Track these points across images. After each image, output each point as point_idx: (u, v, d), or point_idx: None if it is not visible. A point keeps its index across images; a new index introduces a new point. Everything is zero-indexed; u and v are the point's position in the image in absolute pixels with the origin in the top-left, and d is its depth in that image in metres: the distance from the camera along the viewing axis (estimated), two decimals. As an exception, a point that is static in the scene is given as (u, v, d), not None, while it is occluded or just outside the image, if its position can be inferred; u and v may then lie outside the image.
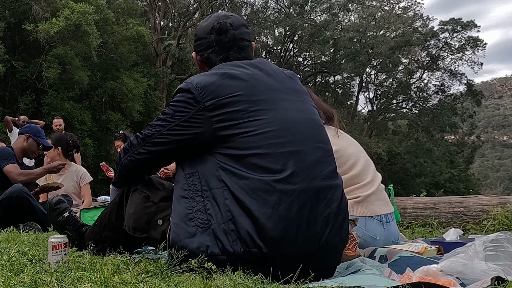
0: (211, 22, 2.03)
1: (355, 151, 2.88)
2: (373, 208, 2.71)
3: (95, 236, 2.25)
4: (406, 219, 4.41)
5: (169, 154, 1.91)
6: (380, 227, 2.71)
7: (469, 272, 1.63)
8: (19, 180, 4.27)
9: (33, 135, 4.74)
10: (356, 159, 2.82)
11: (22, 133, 4.82)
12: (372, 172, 2.84)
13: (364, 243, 2.61)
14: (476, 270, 1.62)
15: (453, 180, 37.91)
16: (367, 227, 2.68)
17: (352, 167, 2.78)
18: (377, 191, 2.79)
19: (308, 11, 35.18)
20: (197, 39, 2.07)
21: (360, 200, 2.69)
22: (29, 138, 4.73)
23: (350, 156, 2.81)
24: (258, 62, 1.95)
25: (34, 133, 4.76)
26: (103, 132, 23.30)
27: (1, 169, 4.36)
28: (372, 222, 2.70)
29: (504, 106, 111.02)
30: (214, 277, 1.53)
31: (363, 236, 2.63)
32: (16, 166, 4.42)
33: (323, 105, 3.01)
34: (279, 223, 1.64)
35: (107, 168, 4.86)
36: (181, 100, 1.83)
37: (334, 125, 2.97)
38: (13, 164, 4.41)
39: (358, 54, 33.24)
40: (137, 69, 25.66)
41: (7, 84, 20.95)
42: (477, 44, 35.05)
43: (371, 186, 2.77)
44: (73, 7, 18.74)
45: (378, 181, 2.84)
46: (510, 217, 3.86)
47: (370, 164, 2.89)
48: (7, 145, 5.65)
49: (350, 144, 2.94)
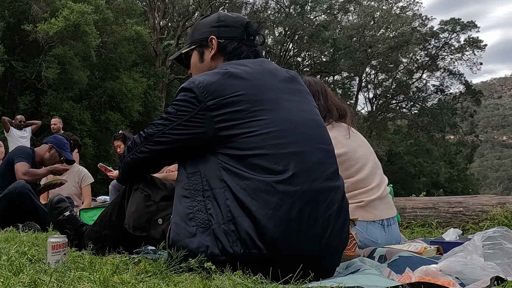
0: (240, 17, 2.09)
1: (364, 153, 2.83)
2: (376, 213, 2.69)
3: (95, 235, 2.25)
4: (405, 219, 4.41)
5: (171, 153, 1.90)
6: (381, 231, 2.70)
7: (468, 271, 1.63)
8: (23, 179, 4.29)
9: (57, 146, 4.74)
10: (364, 162, 2.78)
11: (46, 143, 4.83)
12: (379, 176, 2.81)
13: (365, 247, 2.60)
14: (475, 269, 1.62)
15: (452, 180, 37.97)
16: (368, 231, 2.66)
17: (359, 171, 2.74)
18: (382, 195, 2.76)
19: (308, 11, 35.18)
20: (225, 25, 2.06)
21: (363, 204, 2.67)
22: (52, 149, 4.73)
23: (358, 159, 2.77)
24: (261, 62, 1.95)
25: (58, 144, 4.76)
26: (102, 132, 23.29)
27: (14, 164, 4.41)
28: (373, 226, 2.68)
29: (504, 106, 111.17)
30: (214, 277, 1.53)
31: (364, 240, 2.62)
32: (26, 165, 4.45)
33: (337, 101, 2.97)
34: (279, 224, 1.64)
35: (105, 169, 4.86)
36: (183, 99, 1.83)
37: (346, 123, 2.93)
38: (24, 162, 4.43)
39: (356, 52, 33.25)
40: (137, 69, 25.65)
41: (7, 84, 20.94)
42: (477, 44, 35.10)
43: (377, 191, 2.73)
44: (72, 7, 18.71)
45: (384, 185, 2.81)
46: (510, 217, 3.86)
47: (378, 167, 2.85)
48: (5, 146, 5.66)
49: (361, 145, 2.89)
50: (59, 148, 4.75)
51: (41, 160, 4.73)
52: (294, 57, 37.84)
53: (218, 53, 2.04)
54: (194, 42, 2.12)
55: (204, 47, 2.08)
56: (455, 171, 38.89)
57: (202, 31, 2.10)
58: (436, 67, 36.60)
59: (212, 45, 2.05)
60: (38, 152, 4.74)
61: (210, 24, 2.09)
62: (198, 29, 2.15)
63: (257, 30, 2.08)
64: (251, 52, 2.05)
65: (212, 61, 2.05)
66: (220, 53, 2.04)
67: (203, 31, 2.10)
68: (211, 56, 2.05)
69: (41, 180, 4.84)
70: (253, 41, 2.07)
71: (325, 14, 35.55)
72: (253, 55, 2.05)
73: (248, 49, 2.05)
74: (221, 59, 2.04)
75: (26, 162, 4.46)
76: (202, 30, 2.11)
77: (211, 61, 2.05)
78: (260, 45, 2.10)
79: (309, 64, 38.07)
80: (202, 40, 2.08)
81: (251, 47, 2.06)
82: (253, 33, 2.07)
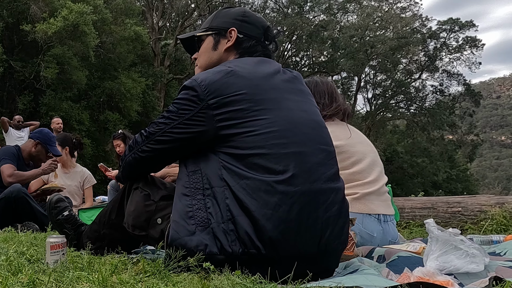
0: (262, 19, 2.10)
1: (363, 149, 2.84)
2: (372, 207, 2.69)
3: (93, 234, 2.25)
4: (404, 219, 4.41)
5: (172, 152, 1.90)
6: (377, 225, 2.70)
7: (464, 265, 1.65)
8: (8, 181, 4.24)
9: (43, 142, 4.67)
10: (362, 157, 2.78)
11: (32, 138, 4.76)
12: (377, 173, 2.80)
13: (361, 239, 2.60)
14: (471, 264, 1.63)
15: (451, 180, 38.00)
16: (364, 223, 2.66)
17: (355, 163, 2.75)
18: (378, 191, 2.76)
19: (307, 11, 35.18)
20: (248, 22, 2.05)
21: (358, 196, 2.66)
22: (38, 145, 4.66)
23: (355, 153, 2.77)
24: (264, 61, 1.95)
25: (44, 140, 4.68)
26: (101, 132, 23.28)
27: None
28: (369, 219, 2.68)
29: (502, 106, 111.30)
30: (212, 277, 1.52)
31: (360, 232, 2.61)
32: (11, 166, 4.38)
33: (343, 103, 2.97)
34: (278, 224, 1.64)
35: (105, 169, 4.86)
36: (185, 97, 1.82)
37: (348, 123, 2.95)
38: (8, 164, 4.37)
39: (358, 53, 33.27)
40: (135, 69, 25.64)
41: (5, 84, 20.93)
42: (475, 44, 35.14)
43: (373, 185, 2.73)
44: (71, 7, 18.71)
45: (382, 183, 2.80)
46: (508, 217, 3.86)
47: (377, 165, 2.85)
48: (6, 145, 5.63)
49: (361, 142, 2.89)
50: (45, 143, 4.68)
51: (29, 156, 4.68)
52: (292, 57, 37.84)
53: (233, 46, 2.03)
54: (212, 28, 2.09)
55: (222, 36, 2.05)
56: (454, 171, 38.91)
57: (224, 20, 2.08)
58: (435, 68, 36.63)
59: (230, 37, 2.03)
60: (24, 148, 4.68)
61: (234, 16, 2.07)
62: (220, 16, 2.11)
63: (275, 36, 2.09)
64: (265, 55, 2.04)
65: (224, 53, 2.04)
66: (235, 47, 2.03)
67: (224, 20, 2.07)
68: (226, 48, 2.03)
69: (29, 181, 4.76)
70: (268, 45, 2.07)
71: (324, 14, 35.55)
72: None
73: (263, 50, 2.04)
74: (234, 54, 2.03)
75: (11, 164, 4.39)
76: (224, 19, 2.08)
77: (224, 52, 2.04)
78: (273, 52, 2.09)
79: (308, 64, 38.08)
80: (221, 29, 2.06)
81: (266, 50, 2.06)
82: (271, 38, 2.07)
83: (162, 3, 31.05)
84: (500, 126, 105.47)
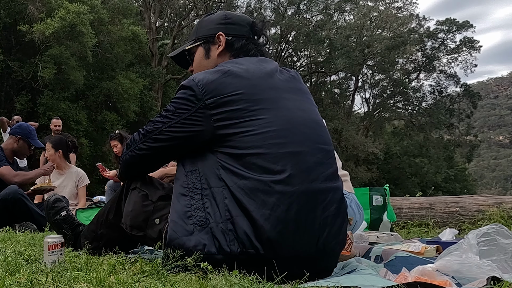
0: (245, 17, 2.11)
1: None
2: None
3: (91, 234, 2.25)
4: (402, 219, 4.42)
5: (169, 151, 1.90)
6: None
7: (464, 270, 1.63)
8: (14, 181, 4.25)
9: (24, 137, 4.69)
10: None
11: (12, 134, 4.76)
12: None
13: None
14: (472, 268, 1.62)
15: (449, 180, 38.03)
16: None
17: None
18: None
19: (304, 11, 35.18)
20: (232, 23, 2.05)
21: None
22: (20, 140, 4.68)
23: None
24: (262, 61, 1.95)
25: (25, 134, 4.71)
26: (98, 132, 23.23)
27: None
28: None
29: (500, 106, 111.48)
30: (210, 277, 1.52)
31: None
32: (9, 167, 4.39)
33: None
34: (276, 224, 1.63)
35: (103, 169, 4.86)
36: (182, 97, 1.82)
37: None
38: (5, 166, 4.38)
39: (354, 51, 33.29)
40: (133, 69, 25.58)
41: (3, 84, 20.90)
42: (473, 44, 35.21)
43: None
44: (68, 7, 18.67)
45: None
46: (506, 216, 3.87)
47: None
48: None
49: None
50: (27, 137, 4.70)
51: (12, 153, 4.69)
52: (289, 57, 37.83)
53: (225, 50, 2.03)
54: (200, 39, 2.10)
55: (211, 43, 2.06)
56: (452, 171, 38.94)
57: (208, 27, 2.08)
58: (433, 68, 36.68)
59: (220, 42, 2.03)
60: (6, 147, 4.69)
61: (217, 21, 2.08)
62: (203, 25, 2.12)
63: (262, 29, 2.09)
64: (258, 51, 2.05)
65: (218, 58, 2.03)
66: (227, 50, 2.03)
67: (209, 28, 2.08)
68: (218, 53, 2.04)
69: (32, 181, 4.79)
70: (257, 40, 2.08)
71: (321, 14, 35.55)
72: (260, 55, 2.05)
73: (256, 47, 2.05)
74: (228, 56, 2.03)
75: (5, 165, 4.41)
76: (208, 26, 2.09)
77: (217, 57, 2.04)
78: (264, 45, 2.10)
79: (305, 64, 38.09)
80: (208, 37, 2.06)
81: (258, 46, 2.06)
82: (258, 33, 2.08)
83: (159, 3, 31.01)
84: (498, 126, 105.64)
